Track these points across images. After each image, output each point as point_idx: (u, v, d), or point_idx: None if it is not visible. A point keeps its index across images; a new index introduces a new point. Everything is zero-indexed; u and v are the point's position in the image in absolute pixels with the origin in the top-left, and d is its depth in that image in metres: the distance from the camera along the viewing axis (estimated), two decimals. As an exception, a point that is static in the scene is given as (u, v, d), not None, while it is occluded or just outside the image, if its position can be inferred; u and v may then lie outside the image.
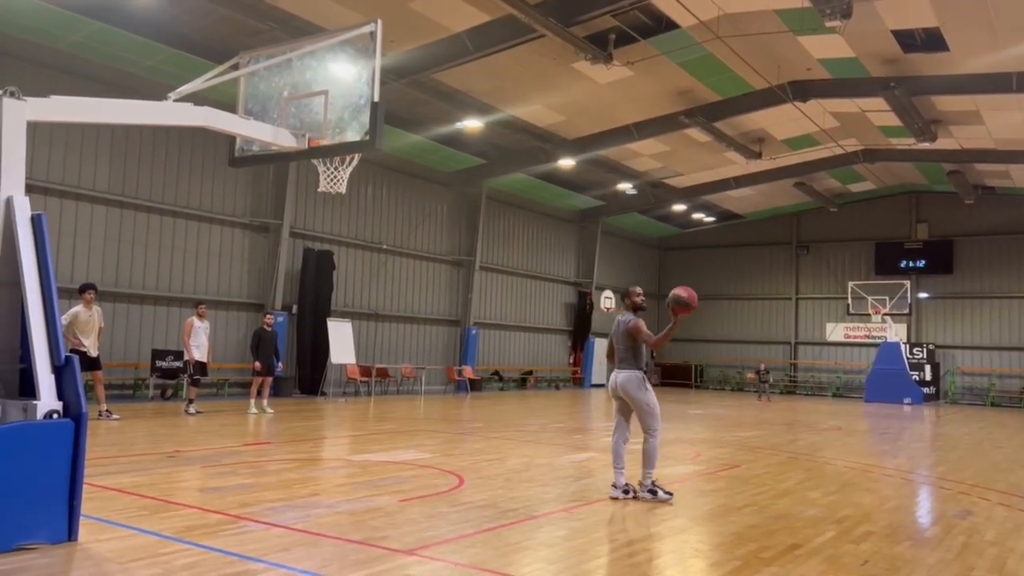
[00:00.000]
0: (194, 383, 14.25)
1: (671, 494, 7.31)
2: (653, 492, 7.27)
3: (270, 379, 15.06)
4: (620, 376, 7.38)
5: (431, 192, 24.86)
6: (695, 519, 6.75)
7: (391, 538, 5.48)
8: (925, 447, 13.92)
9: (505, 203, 27.80)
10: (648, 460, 7.31)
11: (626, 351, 7.39)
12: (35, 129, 5.73)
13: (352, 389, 21.65)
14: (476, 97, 19.68)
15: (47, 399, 5.07)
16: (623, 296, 7.66)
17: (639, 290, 7.87)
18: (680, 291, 7.32)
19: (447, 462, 9.27)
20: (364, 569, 4.74)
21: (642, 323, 7.43)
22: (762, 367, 28.50)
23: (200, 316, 14.34)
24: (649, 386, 7.39)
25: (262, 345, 14.75)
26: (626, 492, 7.31)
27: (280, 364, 15.69)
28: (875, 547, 5.85)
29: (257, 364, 14.65)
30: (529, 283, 29.38)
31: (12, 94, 5.38)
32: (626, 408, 7.49)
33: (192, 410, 13.85)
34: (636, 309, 7.58)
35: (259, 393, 14.80)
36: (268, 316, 15.66)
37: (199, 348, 14.19)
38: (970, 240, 30.95)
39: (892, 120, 21.12)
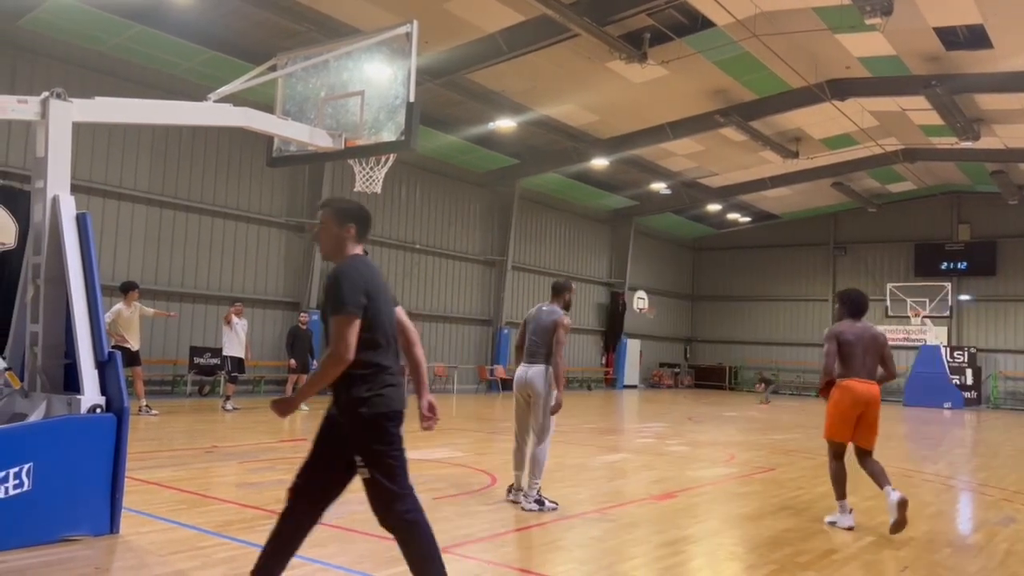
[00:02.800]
0: (231, 380, 14.45)
1: (556, 505, 6.67)
2: (540, 503, 6.57)
3: (305, 377, 15.21)
4: (531, 370, 6.80)
5: (464, 192, 24.94)
6: (729, 522, 6.68)
7: (425, 536, 5.50)
8: (966, 452, 13.62)
9: (538, 203, 27.78)
10: (538, 468, 6.64)
11: (542, 345, 6.81)
12: (79, 130, 5.86)
13: (385, 388, 21.77)
14: (510, 97, 19.69)
15: (91, 394, 5.18)
16: (559, 291, 7.01)
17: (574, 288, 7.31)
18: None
19: (480, 461, 9.29)
20: (397, 566, 4.76)
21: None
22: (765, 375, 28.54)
23: (237, 314, 14.47)
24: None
25: (297, 343, 14.92)
26: (512, 492, 6.82)
27: (315, 362, 15.84)
28: (915, 553, 5.75)
29: (292, 362, 14.81)
30: (562, 283, 29.27)
31: (59, 96, 5.51)
32: (527, 407, 6.91)
33: (229, 406, 14.05)
34: (567, 307, 6.99)
35: (295, 391, 14.97)
36: (303, 315, 15.83)
37: (236, 345, 14.31)
38: (1014, 241, 30.23)
39: (933, 119, 20.71)
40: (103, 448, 5.12)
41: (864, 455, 6.66)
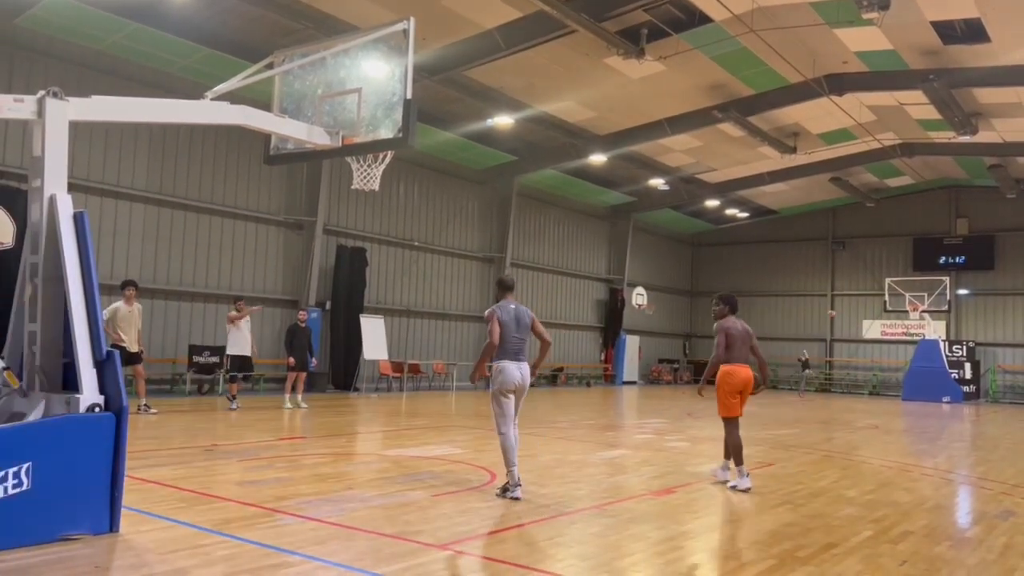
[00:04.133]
0: (231, 379, 14.39)
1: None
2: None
3: (304, 374, 15.20)
4: (525, 368, 7.01)
5: (462, 189, 24.93)
6: (729, 517, 6.69)
7: (424, 532, 5.52)
8: (965, 446, 13.64)
9: (536, 199, 27.78)
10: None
11: (526, 343, 7.11)
12: (76, 129, 5.85)
13: (384, 385, 21.81)
14: (507, 94, 19.68)
15: (89, 393, 5.18)
16: (512, 286, 7.38)
17: None
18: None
19: (479, 457, 9.29)
20: (398, 563, 4.77)
21: None
22: (805, 354, 28.04)
23: (239, 311, 14.36)
24: None
25: (296, 341, 14.89)
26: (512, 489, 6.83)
27: (314, 360, 15.83)
28: (914, 547, 5.76)
29: (291, 360, 14.80)
30: (560, 280, 29.33)
31: (55, 95, 5.49)
32: (515, 401, 7.05)
33: (234, 405, 13.99)
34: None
35: (293, 388, 14.96)
36: (302, 312, 15.80)
37: (242, 344, 14.23)
38: (1012, 235, 30.25)
39: (931, 113, 20.71)
40: (102, 447, 5.12)
41: (738, 422, 8.08)
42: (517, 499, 6.71)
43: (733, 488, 7.74)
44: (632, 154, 24.90)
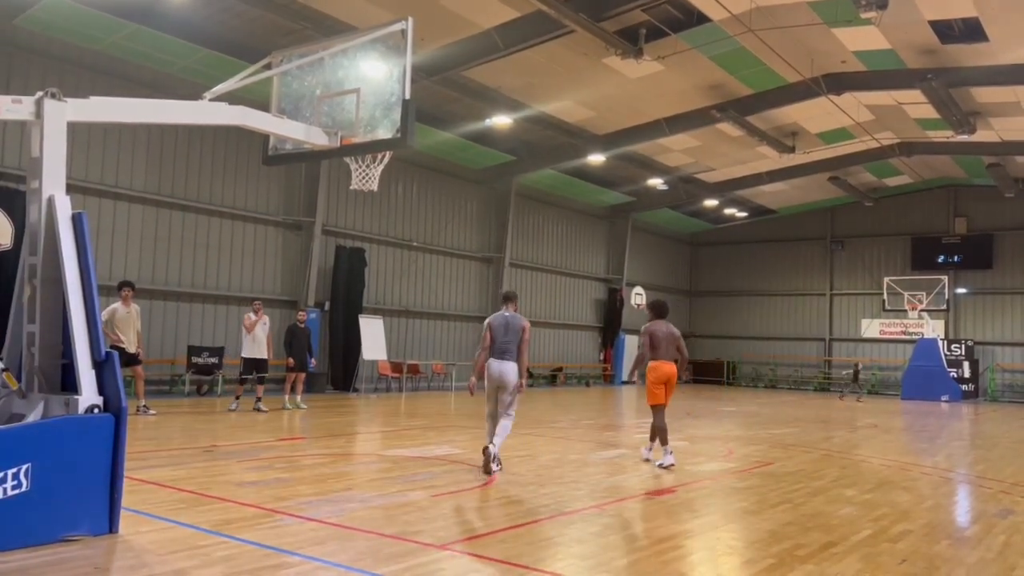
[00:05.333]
0: (242, 381, 14.31)
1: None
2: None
3: (303, 375, 15.19)
4: (506, 366, 8.23)
5: (461, 189, 24.93)
6: (728, 516, 6.70)
7: (424, 532, 5.52)
8: (964, 445, 13.66)
9: (535, 199, 27.78)
10: (505, 434, 8.37)
11: (513, 345, 8.28)
12: (75, 130, 5.85)
13: (384, 385, 21.81)
14: (506, 94, 19.68)
15: (88, 394, 5.18)
16: (514, 298, 8.68)
17: None
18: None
19: (478, 458, 9.28)
20: (397, 563, 4.77)
21: None
22: (859, 365, 27.86)
23: (257, 312, 14.22)
24: None
25: (295, 341, 14.86)
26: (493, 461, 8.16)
27: (313, 360, 15.81)
28: (913, 546, 5.77)
29: (290, 360, 14.78)
30: (559, 280, 29.33)
31: (53, 95, 5.49)
32: (499, 393, 8.32)
33: (235, 406, 13.85)
34: (516, 310, 8.58)
35: (292, 389, 14.95)
36: (301, 313, 15.79)
37: (256, 346, 14.11)
38: (1011, 234, 30.26)
39: (929, 112, 20.72)
40: (101, 448, 5.12)
41: (663, 409, 9.36)
42: (489, 472, 8.04)
43: (660, 465, 8.94)
44: (631, 154, 24.90)
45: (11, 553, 4.55)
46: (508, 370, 8.21)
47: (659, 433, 9.23)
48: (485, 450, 8.22)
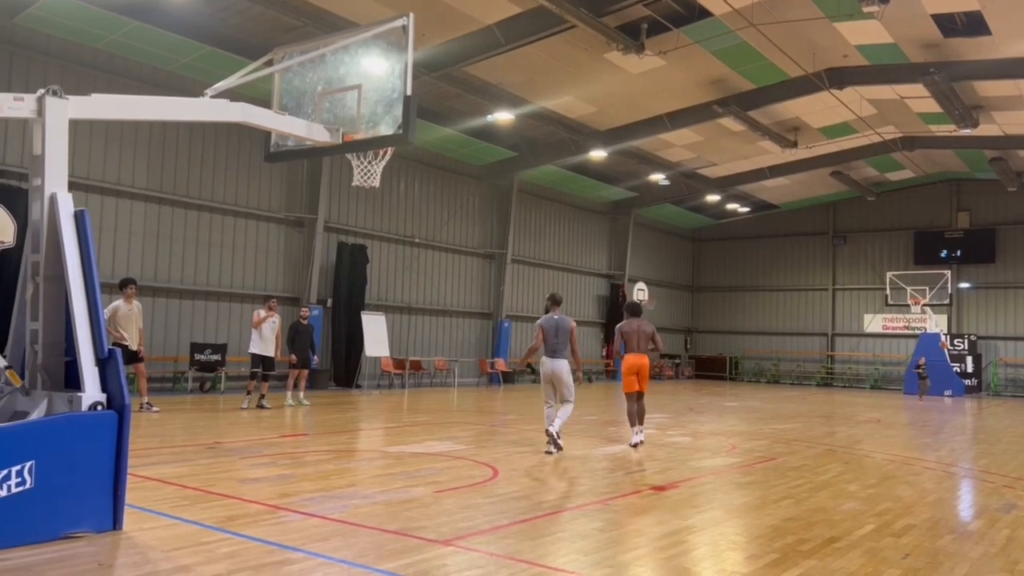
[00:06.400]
0: (252, 376, 14.26)
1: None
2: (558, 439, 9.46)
3: (306, 372, 15.19)
4: (557, 363, 9.60)
5: (463, 185, 24.92)
6: (731, 511, 6.70)
7: (427, 528, 5.52)
8: (967, 440, 13.65)
9: (536, 195, 27.76)
10: (566, 416, 9.66)
11: (564, 344, 9.63)
12: (76, 127, 5.84)
13: (386, 382, 21.83)
14: (507, 90, 19.65)
15: (91, 391, 5.18)
16: (560, 300, 10.08)
17: None
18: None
19: (481, 454, 9.30)
20: (400, 559, 4.78)
21: None
22: (922, 361, 26.48)
23: (269, 310, 14.18)
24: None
25: (298, 338, 14.86)
26: (556, 441, 9.36)
27: (316, 357, 15.80)
28: (916, 540, 5.76)
29: (293, 357, 14.78)
30: (561, 276, 29.33)
31: (55, 93, 5.49)
32: (553, 387, 9.68)
33: (245, 404, 13.86)
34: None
35: (296, 386, 14.96)
36: (304, 310, 15.77)
37: (263, 343, 14.07)
38: (1013, 228, 30.22)
39: (932, 107, 20.67)
40: (105, 445, 5.13)
41: (640, 397, 10.57)
42: (549, 453, 9.27)
43: (631, 444, 10.28)
44: (632, 149, 24.87)
45: (15, 550, 4.56)
46: (560, 367, 9.58)
47: (636, 416, 10.47)
48: (547, 431, 9.36)
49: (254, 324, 14.14)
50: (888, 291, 29.92)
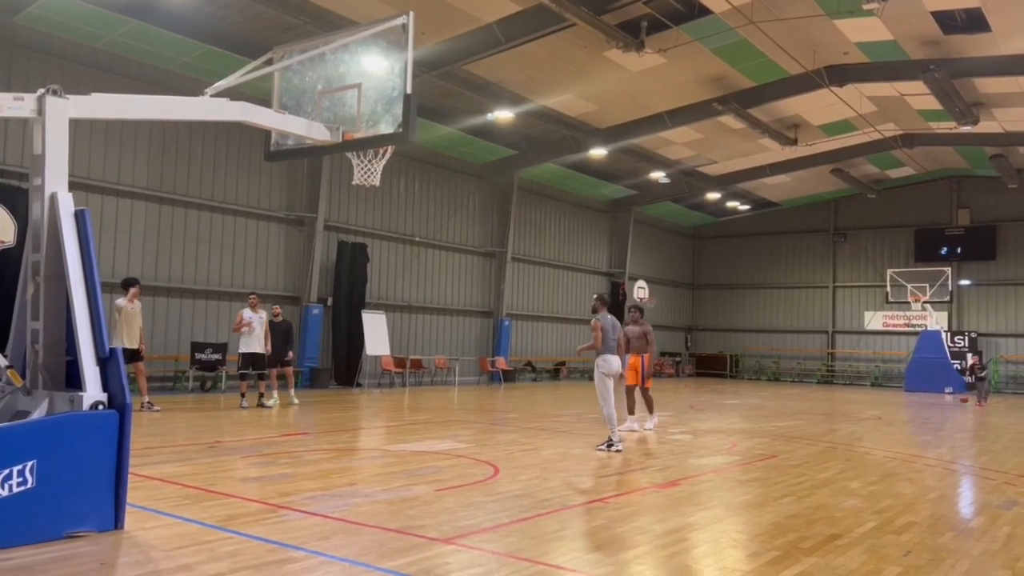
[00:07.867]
0: (241, 377, 14.09)
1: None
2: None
3: (290, 369, 14.96)
4: (617, 360, 10.15)
5: (463, 184, 24.91)
6: (732, 509, 6.70)
7: (428, 527, 5.53)
8: (968, 437, 13.65)
9: (537, 194, 27.75)
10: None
11: (617, 342, 10.25)
12: (76, 127, 5.84)
13: (387, 380, 21.83)
14: (507, 88, 19.64)
15: (92, 390, 5.18)
16: (607, 301, 10.61)
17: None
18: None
19: (482, 452, 9.31)
20: (402, 557, 4.78)
21: None
22: (973, 359, 23.89)
23: (252, 307, 14.09)
24: None
25: (273, 335, 14.54)
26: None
27: (290, 353, 15.27)
28: (917, 537, 5.76)
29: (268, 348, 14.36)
30: (561, 274, 29.32)
31: (55, 92, 5.49)
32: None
33: (244, 403, 13.79)
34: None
35: (283, 385, 14.82)
36: (276, 308, 15.28)
37: (253, 341, 13.97)
38: (1013, 225, 30.21)
39: (932, 104, 20.66)
40: (106, 444, 5.13)
41: (633, 390, 12.31)
42: (620, 451, 9.52)
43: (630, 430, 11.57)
44: (632, 147, 24.85)
45: (17, 550, 4.57)
46: (619, 365, 10.42)
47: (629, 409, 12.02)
48: (615, 433, 9.86)
49: (235, 328, 13.98)
50: (888, 288, 29.92)
